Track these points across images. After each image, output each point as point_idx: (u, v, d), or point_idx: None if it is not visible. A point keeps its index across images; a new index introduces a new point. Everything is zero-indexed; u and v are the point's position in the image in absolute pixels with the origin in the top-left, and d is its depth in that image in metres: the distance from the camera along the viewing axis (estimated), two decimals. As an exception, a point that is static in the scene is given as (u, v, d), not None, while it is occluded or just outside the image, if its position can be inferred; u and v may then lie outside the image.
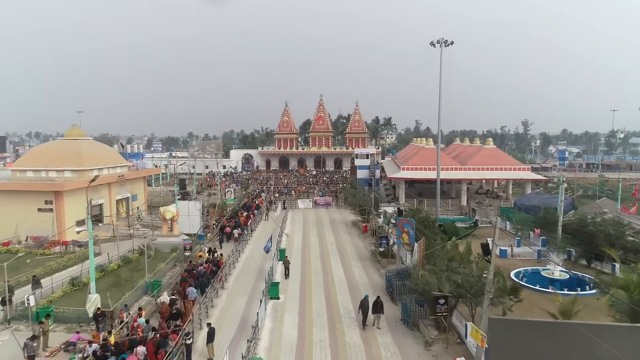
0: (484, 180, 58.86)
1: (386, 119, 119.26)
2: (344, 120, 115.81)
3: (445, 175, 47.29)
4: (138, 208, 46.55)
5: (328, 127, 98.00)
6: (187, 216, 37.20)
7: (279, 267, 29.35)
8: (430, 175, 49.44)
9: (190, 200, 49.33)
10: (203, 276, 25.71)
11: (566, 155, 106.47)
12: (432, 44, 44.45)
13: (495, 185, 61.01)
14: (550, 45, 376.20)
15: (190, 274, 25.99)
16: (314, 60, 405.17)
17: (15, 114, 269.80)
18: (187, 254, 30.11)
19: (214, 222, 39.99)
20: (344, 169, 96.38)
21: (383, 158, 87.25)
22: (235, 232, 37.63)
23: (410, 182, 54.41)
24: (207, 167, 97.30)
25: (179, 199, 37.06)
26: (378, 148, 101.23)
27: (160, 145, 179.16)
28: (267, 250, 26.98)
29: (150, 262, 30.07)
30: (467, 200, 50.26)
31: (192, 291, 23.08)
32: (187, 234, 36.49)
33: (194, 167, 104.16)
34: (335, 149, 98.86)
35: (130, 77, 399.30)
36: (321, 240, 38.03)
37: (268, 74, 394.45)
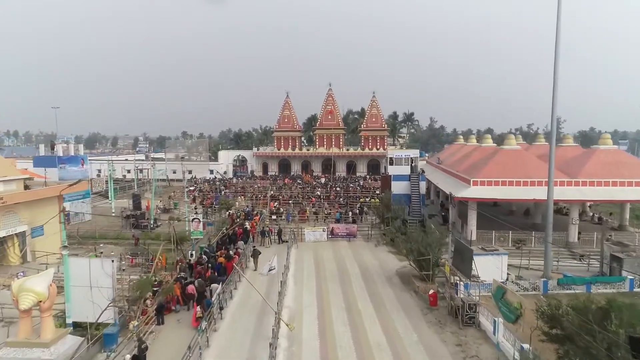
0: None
1: (407, 114, 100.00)
2: (356, 116, 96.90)
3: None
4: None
5: (339, 123, 79.10)
6: (89, 288, 18.39)
7: None
8: (526, 193, 30.47)
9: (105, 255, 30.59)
10: None
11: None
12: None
13: (589, 205, 41.99)
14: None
15: None
16: (315, 59, 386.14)
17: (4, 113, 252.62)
18: None
19: (149, 294, 20.61)
20: (358, 174, 77.72)
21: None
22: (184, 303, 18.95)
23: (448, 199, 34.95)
24: (190, 173, 78.24)
25: (86, 252, 17.67)
26: (399, 148, 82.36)
27: (147, 145, 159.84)
28: None
29: None
30: (579, 233, 31.21)
31: None
32: (78, 330, 17.72)
33: (174, 172, 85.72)
34: (347, 149, 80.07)
35: (125, 76, 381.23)
36: (358, 337, 19.01)
37: (270, 72, 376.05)
